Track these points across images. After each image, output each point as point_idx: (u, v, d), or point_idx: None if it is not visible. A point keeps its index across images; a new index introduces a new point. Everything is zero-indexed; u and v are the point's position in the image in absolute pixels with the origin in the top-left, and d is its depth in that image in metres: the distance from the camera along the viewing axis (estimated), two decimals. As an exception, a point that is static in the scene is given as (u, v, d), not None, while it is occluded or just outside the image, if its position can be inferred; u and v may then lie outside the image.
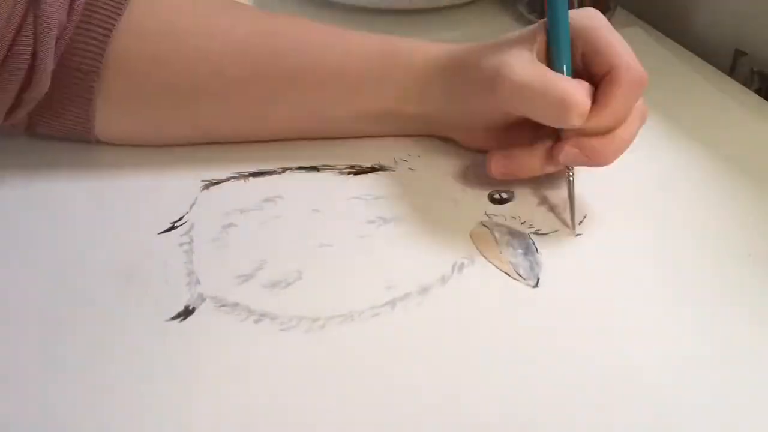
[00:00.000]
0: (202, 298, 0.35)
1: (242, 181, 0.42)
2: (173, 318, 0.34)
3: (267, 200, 0.41)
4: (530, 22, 0.59)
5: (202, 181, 0.42)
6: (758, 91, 0.50)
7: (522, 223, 0.39)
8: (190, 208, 0.40)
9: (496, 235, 0.38)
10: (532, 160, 0.39)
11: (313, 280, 0.36)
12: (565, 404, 0.30)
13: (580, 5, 0.57)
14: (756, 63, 0.51)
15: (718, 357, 0.32)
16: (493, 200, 0.40)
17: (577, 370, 0.31)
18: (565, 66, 0.37)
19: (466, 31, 0.59)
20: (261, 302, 0.34)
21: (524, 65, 0.37)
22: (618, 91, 0.36)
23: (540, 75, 0.36)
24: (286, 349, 0.32)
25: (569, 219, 0.38)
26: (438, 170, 0.43)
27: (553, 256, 0.37)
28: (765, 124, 0.46)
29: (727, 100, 0.49)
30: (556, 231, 0.38)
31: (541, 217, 0.39)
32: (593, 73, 0.37)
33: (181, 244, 0.38)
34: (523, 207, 0.40)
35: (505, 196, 0.40)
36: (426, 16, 0.61)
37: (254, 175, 0.43)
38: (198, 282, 0.36)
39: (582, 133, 0.36)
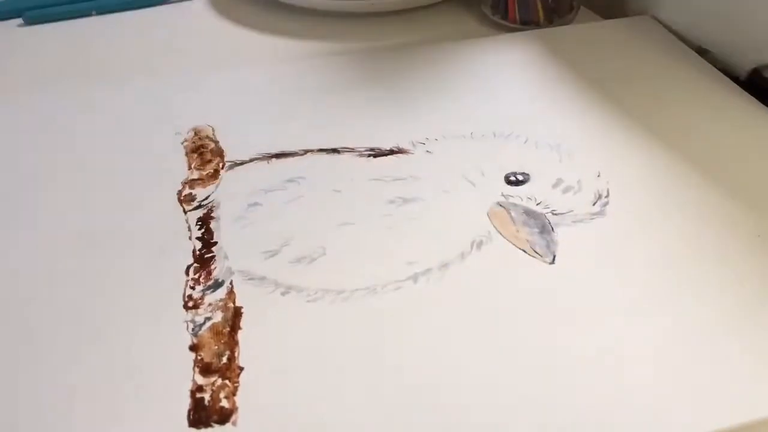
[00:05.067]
0: (230, 272, 0.36)
1: (265, 162, 0.43)
2: (203, 290, 0.35)
3: (290, 180, 0.42)
4: (494, 24, 0.59)
5: (227, 161, 0.43)
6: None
7: (538, 204, 0.40)
8: (216, 187, 0.41)
9: (513, 214, 0.39)
10: None
11: (336, 255, 0.37)
12: (581, 377, 0.31)
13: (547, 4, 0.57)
14: (718, 60, 0.51)
15: (726, 330, 0.33)
16: (509, 182, 0.41)
17: (593, 345, 0.32)
18: None
19: (427, 35, 0.58)
20: (287, 276, 0.36)
21: None
22: None
23: None
24: (312, 319, 0.34)
25: None
26: (455, 154, 0.44)
27: (569, 234, 0.38)
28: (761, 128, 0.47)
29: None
30: (571, 211, 0.39)
31: (556, 198, 0.40)
32: None
33: (208, 221, 0.39)
34: (539, 189, 0.41)
35: (521, 178, 0.42)
36: (387, 20, 0.60)
37: (277, 156, 0.44)
38: (226, 257, 0.37)
39: None
